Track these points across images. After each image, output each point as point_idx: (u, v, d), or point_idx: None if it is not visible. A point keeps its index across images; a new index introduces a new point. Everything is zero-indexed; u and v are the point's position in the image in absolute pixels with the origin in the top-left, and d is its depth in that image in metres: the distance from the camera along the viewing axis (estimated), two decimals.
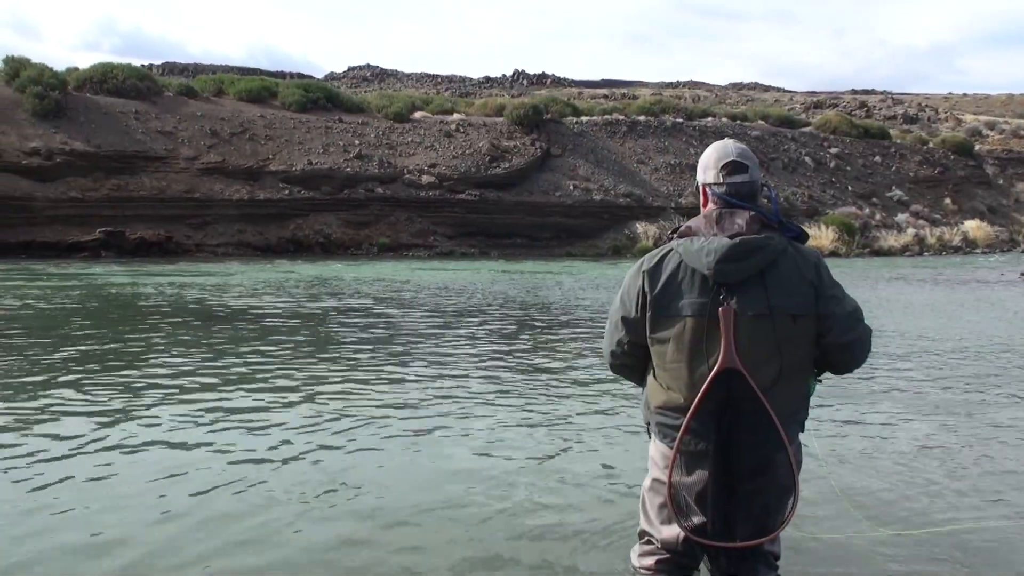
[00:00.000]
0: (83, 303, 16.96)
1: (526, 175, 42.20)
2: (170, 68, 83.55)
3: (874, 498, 5.90)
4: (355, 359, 11.15)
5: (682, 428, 3.43)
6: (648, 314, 3.53)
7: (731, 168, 3.57)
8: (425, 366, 10.76)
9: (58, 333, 12.97)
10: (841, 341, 3.47)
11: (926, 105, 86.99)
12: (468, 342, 12.78)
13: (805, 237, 3.61)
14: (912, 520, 5.47)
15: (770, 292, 3.37)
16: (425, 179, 39.82)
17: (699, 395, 3.38)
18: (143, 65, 59.10)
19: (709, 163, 3.64)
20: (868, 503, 5.79)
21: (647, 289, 3.52)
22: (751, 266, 3.36)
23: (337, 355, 11.49)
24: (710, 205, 3.60)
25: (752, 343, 3.36)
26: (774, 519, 3.45)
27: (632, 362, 3.73)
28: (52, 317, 14.77)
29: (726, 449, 3.40)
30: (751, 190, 3.58)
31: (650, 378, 3.63)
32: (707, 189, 3.63)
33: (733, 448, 3.40)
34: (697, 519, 3.51)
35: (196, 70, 77.34)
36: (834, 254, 39.26)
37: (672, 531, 3.60)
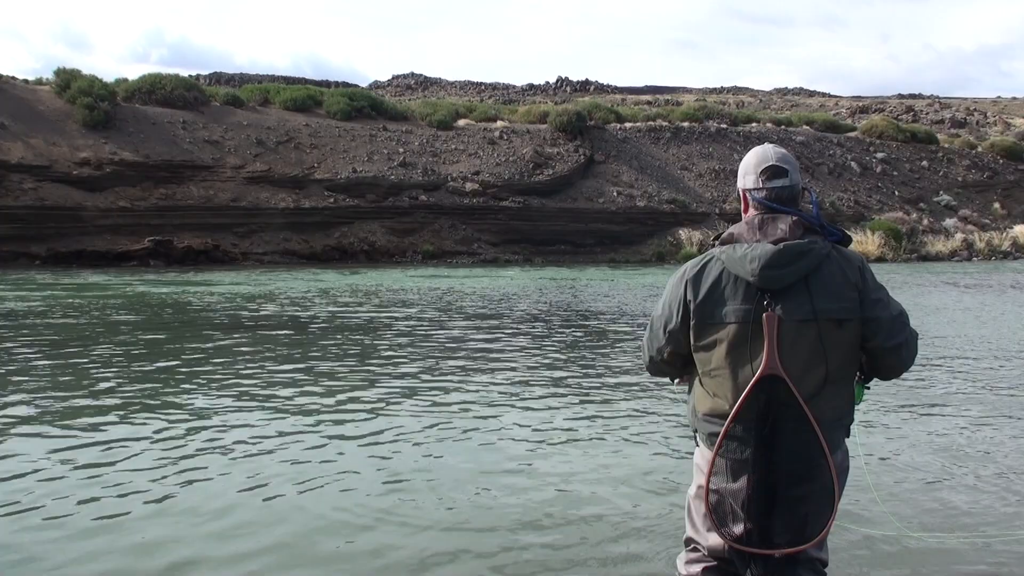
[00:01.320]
0: (147, 313, 17.20)
1: (569, 182, 42.17)
2: (217, 78, 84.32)
3: (926, 500, 5.88)
4: (414, 364, 11.24)
5: (721, 433, 3.44)
6: (692, 322, 3.54)
7: (771, 173, 3.56)
8: (479, 367, 10.85)
9: (130, 341, 13.17)
10: (887, 345, 3.46)
11: (974, 109, 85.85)
12: (519, 346, 12.84)
13: (848, 240, 3.60)
14: (957, 524, 5.43)
15: (814, 297, 3.36)
16: (469, 186, 39.91)
17: (740, 400, 3.39)
18: (191, 75, 59.79)
19: (749, 168, 3.64)
20: (922, 502, 5.78)
21: (690, 297, 3.53)
22: (795, 272, 3.36)
23: (395, 359, 11.58)
24: (751, 211, 3.60)
25: (796, 349, 3.36)
26: (814, 527, 3.44)
27: (670, 369, 3.77)
28: (120, 326, 14.99)
29: (768, 456, 3.40)
30: (791, 194, 3.57)
31: (697, 385, 3.64)
32: (747, 194, 3.63)
33: (775, 455, 3.40)
34: (740, 527, 3.50)
35: (242, 80, 78.02)
36: (881, 260, 38.87)
37: (719, 538, 3.60)
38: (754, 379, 3.36)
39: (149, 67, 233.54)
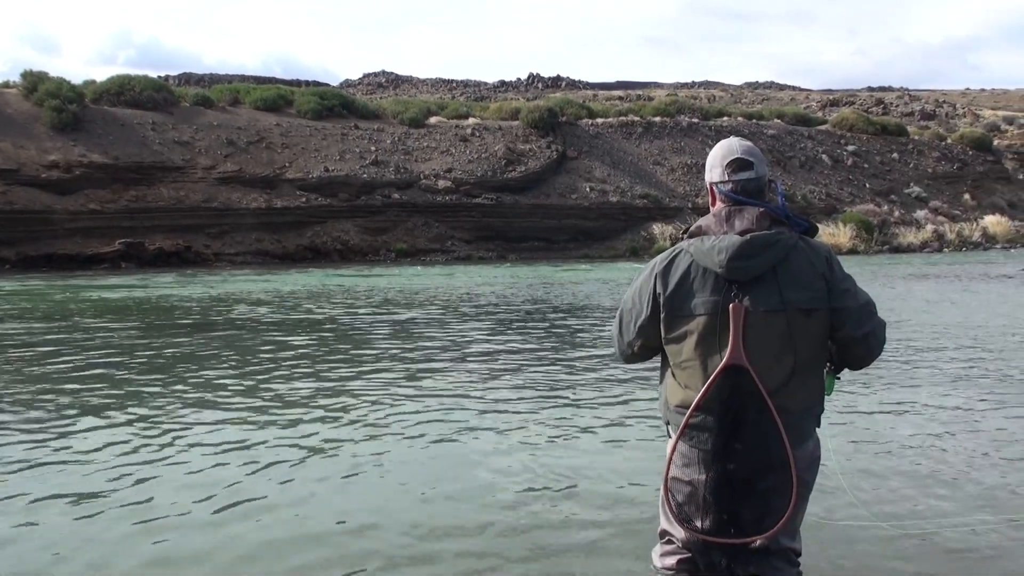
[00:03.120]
0: (134, 317, 17.08)
1: (542, 178, 42.21)
2: (187, 79, 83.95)
3: (888, 490, 5.92)
4: (393, 364, 11.21)
5: (683, 422, 3.47)
6: (662, 315, 3.54)
7: (736, 165, 3.57)
8: (458, 366, 10.83)
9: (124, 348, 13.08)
10: (856, 334, 3.47)
11: (943, 101, 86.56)
12: (496, 343, 12.82)
13: (814, 231, 3.61)
14: (926, 512, 5.48)
15: (783, 287, 3.37)
16: (441, 184, 39.87)
17: (703, 390, 3.40)
18: (160, 76, 59.39)
19: (715, 161, 3.65)
20: (892, 491, 5.82)
21: (659, 290, 3.53)
22: (763, 262, 3.37)
23: (378, 359, 11.56)
24: (719, 204, 3.61)
25: (765, 340, 3.36)
26: (777, 517, 3.44)
27: (639, 361, 3.79)
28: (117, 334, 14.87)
29: (732, 446, 3.42)
30: (758, 186, 3.58)
31: (668, 376, 3.64)
32: (714, 188, 3.64)
33: (739, 445, 3.41)
34: (705, 517, 3.51)
35: (212, 80, 77.65)
36: (853, 252, 39.13)
37: (698, 526, 3.60)
38: (717, 369, 3.37)
39: (117, 69, 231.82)
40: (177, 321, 15.84)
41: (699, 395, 3.41)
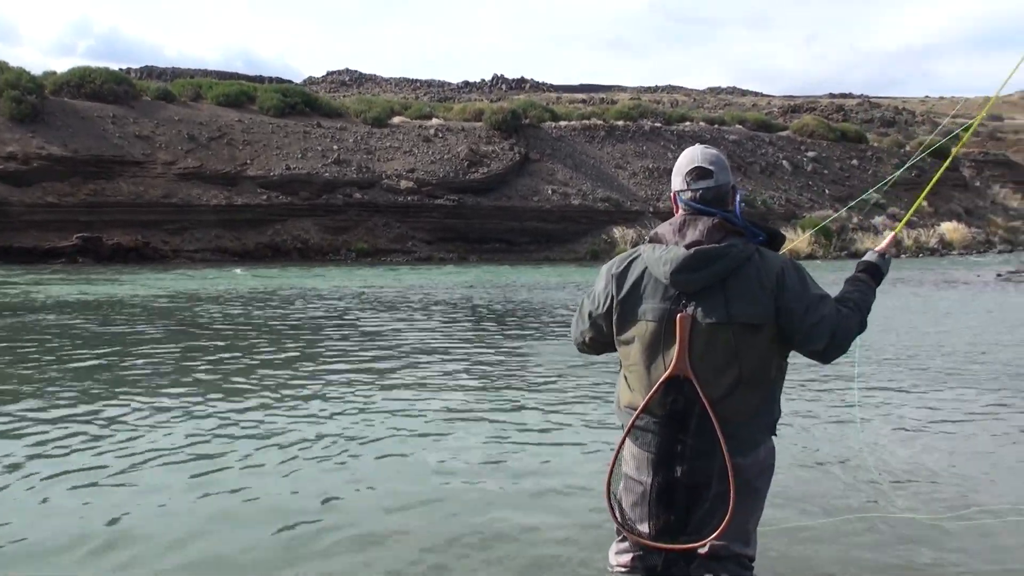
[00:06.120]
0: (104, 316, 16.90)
1: (504, 180, 42.19)
2: (148, 72, 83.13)
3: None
4: (348, 366, 11.16)
5: (627, 426, 3.55)
6: (614, 316, 3.61)
7: (696, 174, 3.61)
8: (418, 369, 10.82)
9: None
10: (803, 350, 3.55)
11: (903, 108, 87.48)
12: (453, 344, 12.82)
13: (779, 240, 3.64)
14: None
15: (730, 301, 3.41)
16: (403, 184, 39.76)
17: (646, 399, 3.47)
18: (122, 69, 58.77)
19: (678, 170, 3.69)
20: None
21: (614, 292, 3.60)
22: (707, 276, 3.41)
23: (325, 358, 11.51)
24: (680, 212, 3.65)
25: (708, 351, 3.41)
26: (718, 524, 3.47)
27: (589, 352, 3.92)
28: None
29: (677, 452, 3.47)
30: (717, 195, 3.60)
31: (620, 378, 3.72)
32: (676, 196, 3.68)
33: (684, 451, 3.46)
34: (650, 521, 3.57)
35: (174, 74, 76.98)
36: (811, 257, 39.48)
37: (647, 528, 3.64)
38: (661, 379, 3.43)
39: (76, 60, 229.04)
40: (129, 322, 15.71)
41: (644, 401, 3.47)
